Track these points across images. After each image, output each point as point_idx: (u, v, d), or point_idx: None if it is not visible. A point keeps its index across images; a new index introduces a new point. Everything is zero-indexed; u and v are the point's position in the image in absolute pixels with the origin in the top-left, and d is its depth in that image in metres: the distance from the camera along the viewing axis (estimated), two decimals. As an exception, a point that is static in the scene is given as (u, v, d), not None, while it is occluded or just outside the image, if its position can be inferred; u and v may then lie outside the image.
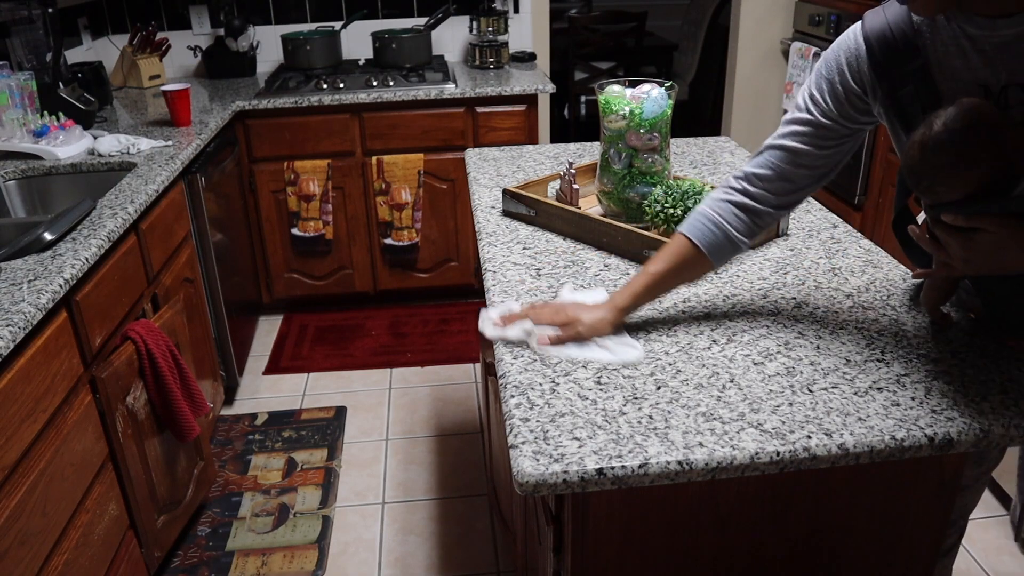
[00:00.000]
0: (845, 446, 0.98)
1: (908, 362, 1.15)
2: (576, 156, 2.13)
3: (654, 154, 1.59)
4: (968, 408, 1.04)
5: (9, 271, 1.55)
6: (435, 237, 3.29)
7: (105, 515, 1.66)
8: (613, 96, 1.60)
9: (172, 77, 3.54)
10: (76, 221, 1.77)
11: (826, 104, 1.15)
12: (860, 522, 1.14)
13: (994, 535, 2.11)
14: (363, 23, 3.55)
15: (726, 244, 1.21)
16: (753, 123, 4.07)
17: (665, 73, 5.26)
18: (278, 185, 3.13)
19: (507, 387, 1.12)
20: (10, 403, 1.34)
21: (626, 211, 1.64)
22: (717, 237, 1.20)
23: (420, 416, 2.73)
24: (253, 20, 3.50)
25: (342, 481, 2.42)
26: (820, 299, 1.34)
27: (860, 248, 1.54)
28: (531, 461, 0.96)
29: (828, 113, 1.15)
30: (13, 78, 2.33)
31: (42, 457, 1.43)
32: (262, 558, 2.13)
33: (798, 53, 3.62)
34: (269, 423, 2.69)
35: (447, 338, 3.19)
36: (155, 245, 2.07)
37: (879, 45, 1.08)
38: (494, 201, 1.84)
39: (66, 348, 1.55)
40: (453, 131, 3.12)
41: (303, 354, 3.11)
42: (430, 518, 2.27)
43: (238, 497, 2.35)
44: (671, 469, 0.96)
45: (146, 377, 1.84)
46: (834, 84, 1.14)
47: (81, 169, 2.26)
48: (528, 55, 3.55)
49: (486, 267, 1.50)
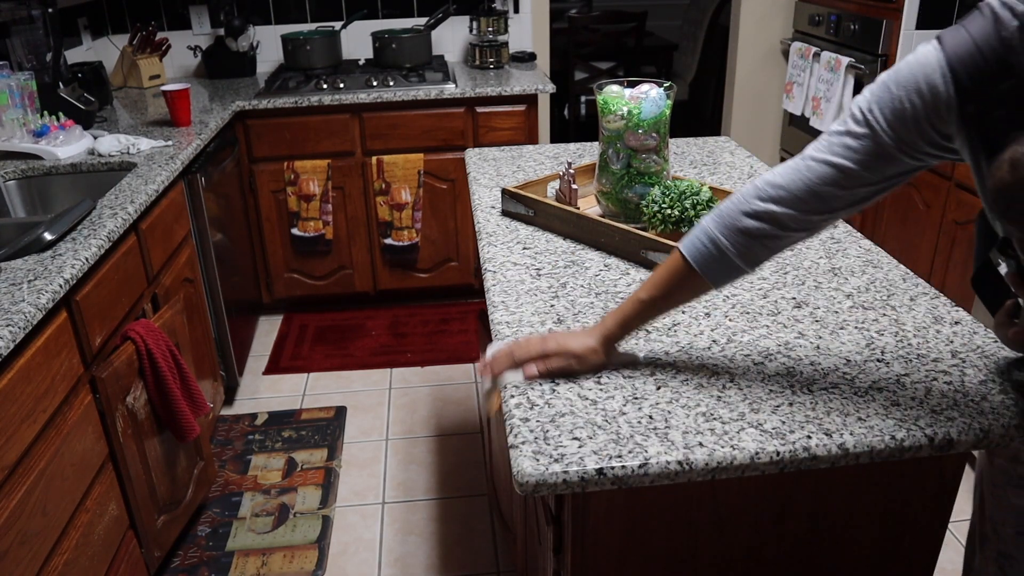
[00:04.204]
0: (845, 446, 0.98)
1: (908, 362, 1.15)
2: (576, 156, 2.13)
3: (652, 154, 1.59)
4: (968, 408, 1.04)
5: (9, 271, 1.56)
6: (435, 237, 3.29)
7: (105, 515, 1.66)
8: (612, 96, 1.59)
9: (172, 77, 3.54)
10: (76, 221, 1.77)
11: (888, 122, 0.98)
12: (860, 522, 1.14)
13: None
14: (363, 23, 3.55)
15: (729, 268, 1.07)
16: (753, 123, 4.07)
17: (665, 73, 5.26)
18: (278, 185, 3.13)
19: (507, 387, 1.12)
20: (10, 403, 1.34)
21: (624, 211, 1.63)
22: (717, 260, 1.06)
23: (420, 416, 2.73)
24: (253, 20, 3.50)
25: (342, 481, 2.42)
26: (820, 299, 1.34)
27: (860, 248, 1.54)
28: (531, 461, 0.96)
29: (889, 133, 0.98)
30: (13, 78, 2.33)
31: (42, 457, 1.43)
32: (262, 558, 2.13)
33: (798, 53, 3.62)
34: (269, 423, 2.69)
35: (447, 338, 3.19)
36: (155, 245, 2.07)
37: (965, 67, 0.93)
38: (494, 201, 1.84)
39: (66, 348, 1.55)
40: (453, 131, 3.12)
41: (303, 354, 3.11)
42: (430, 518, 2.27)
43: (238, 497, 2.35)
44: (671, 469, 0.96)
45: (146, 377, 1.84)
46: (903, 104, 0.96)
47: (81, 169, 2.26)
48: (528, 55, 3.55)
49: (486, 267, 1.50)
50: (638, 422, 1.03)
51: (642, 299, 1.11)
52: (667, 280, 1.10)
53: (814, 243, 1.57)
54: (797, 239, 1.06)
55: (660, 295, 1.11)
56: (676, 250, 1.10)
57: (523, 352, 1.15)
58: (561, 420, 1.04)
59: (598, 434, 1.01)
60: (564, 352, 1.13)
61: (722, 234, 1.05)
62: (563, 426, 1.02)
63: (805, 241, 1.56)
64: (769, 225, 1.03)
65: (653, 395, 1.08)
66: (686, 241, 1.09)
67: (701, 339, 1.23)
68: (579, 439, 1.00)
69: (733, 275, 1.08)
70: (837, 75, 3.27)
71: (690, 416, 1.04)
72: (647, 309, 1.12)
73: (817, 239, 1.59)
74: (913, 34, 3.04)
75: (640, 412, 1.05)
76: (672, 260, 1.11)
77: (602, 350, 1.14)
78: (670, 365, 1.16)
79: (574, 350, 1.14)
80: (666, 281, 1.11)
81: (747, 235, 1.04)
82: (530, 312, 1.32)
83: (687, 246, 1.09)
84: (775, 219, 1.03)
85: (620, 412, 1.05)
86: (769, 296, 1.36)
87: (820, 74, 3.42)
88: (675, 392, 1.09)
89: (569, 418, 1.04)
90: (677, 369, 1.15)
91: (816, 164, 1.01)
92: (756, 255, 1.06)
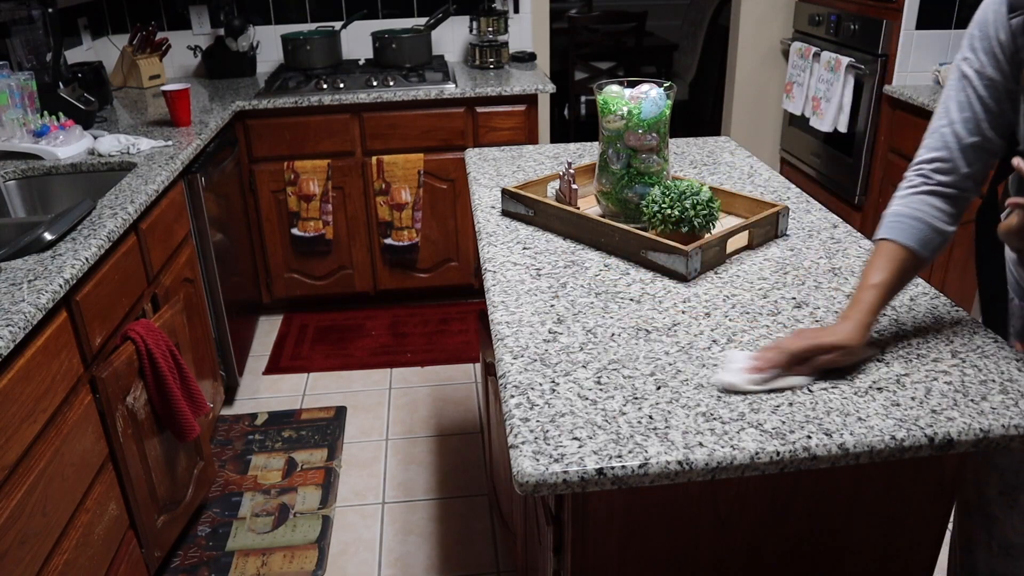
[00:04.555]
0: (845, 446, 0.98)
1: (908, 362, 1.15)
2: (575, 156, 2.13)
3: (652, 154, 1.59)
4: (968, 408, 1.04)
5: (9, 271, 1.56)
6: (435, 237, 3.29)
7: (105, 515, 1.66)
8: (611, 96, 1.59)
9: (172, 77, 3.54)
10: (76, 221, 1.77)
11: (984, 61, 1.15)
12: (860, 522, 1.14)
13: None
14: (363, 23, 3.55)
15: (934, 236, 1.17)
16: (753, 123, 4.07)
17: (665, 73, 5.26)
18: (278, 185, 3.13)
19: (507, 387, 1.12)
20: (10, 403, 1.34)
21: (624, 211, 1.63)
22: (924, 232, 1.17)
23: (420, 416, 2.73)
24: (253, 20, 3.50)
25: (342, 481, 2.42)
26: (820, 299, 1.34)
27: (860, 248, 1.54)
28: (531, 461, 0.96)
29: (988, 69, 1.15)
30: (13, 78, 2.33)
31: (42, 457, 1.43)
32: (262, 558, 2.13)
33: (798, 53, 3.62)
34: (269, 423, 2.69)
35: (447, 338, 3.19)
36: (155, 245, 2.07)
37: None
38: (494, 201, 1.84)
39: (66, 348, 1.55)
40: (453, 131, 3.12)
41: (303, 354, 3.11)
42: (430, 518, 2.27)
43: (238, 497, 2.35)
44: (671, 469, 0.96)
45: (146, 377, 1.84)
46: (989, 41, 1.14)
47: (81, 169, 2.26)
48: (528, 55, 3.55)
49: (486, 267, 1.50)
50: (638, 422, 1.03)
51: (877, 283, 1.16)
52: (889, 267, 1.17)
53: (814, 243, 1.57)
54: (976, 183, 1.19)
55: (890, 279, 1.17)
56: (883, 241, 1.19)
57: (790, 350, 1.11)
58: (561, 420, 1.04)
59: (598, 434, 1.01)
60: (831, 346, 1.11)
61: (915, 209, 1.17)
62: (563, 426, 1.02)
63: (805, 241, 1.57)
64: (946, 185, 1.17)
65: (653, 395, 1.09)
66: (885, 231, 1.19)
67: (701, 339, 1.23)
68: (579, 439, 1.00)
69: (940, 242, 1.18)
70: (837, 75, 3.27)
71: (690, 416, 1.04)
72: (886, 294, 1.17)
73: (817, 239, 1.59)
74: (913, 34, 3.04)
75: (640, 412, 1.05)
76: (883, 250, 1.19)
77: (864, 340, 1.14)
78: (670, 365, 1.16)
79: (843, 343, 1.11)
80: (889, 267, 1.17)
81: (932, 205, 1.17)
82: (530, 312, 1.32)
83: (891, 232, 1.18)
84: (946, 177, 1.17)
85: (620, 412, 1.05)
86: (769, 296, 1.36)
87: (820, 74, 3.42)
88: (675, 392, 1.09)
89: (569, 418, 1.04)
90: (677, 369, 1.15)
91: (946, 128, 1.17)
92: (950, 215, 1.18)
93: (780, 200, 1.80)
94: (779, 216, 1.59)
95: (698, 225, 1.46)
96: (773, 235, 1.60)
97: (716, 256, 1.47)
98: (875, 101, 3.16)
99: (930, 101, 2.81)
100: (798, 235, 1.61)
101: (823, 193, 3.60)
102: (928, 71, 3.10)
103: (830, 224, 1.67)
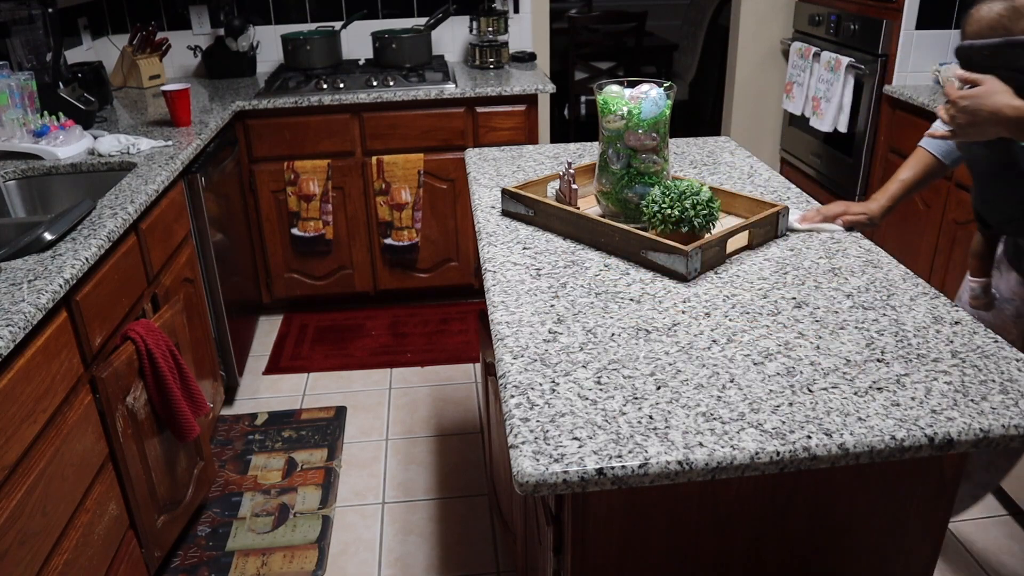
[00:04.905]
0: (845, 446, 0.98)
1: (908, 362, 1.15)
2: (576, 156, 2.13)
3: (652, 154, 1.59)
4: (968, 408, 1.04)
5: (9, 271, 1.56)
6: (435, 237, 3.29)
7: (105, 515, 1.66)
8: (611, 96, 1.59)
9: (172, 77, 3.54)
10: (76, 221, 1.77)
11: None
12: (860, 522, 1.14)
13: (994, 535, 2.11)
14: (363, 23, 3.55)
15: (956, 151, 1.54)
16: (753, 123, 4.07)
17: (665, 73, 5.26)
18: (278, 185, 3.13)
19: (507, 387, 1.12)
20: (10, 403, 1.34)
21: (624, 211, 1.63)
22: (949, 146, 1.57)
23: (420, 416, 2.73)
24: (253, 20, 3.50)
25: (342, 481, 2.42)
26: (820, 299, 1.34)
27: (860, 248, 1.55)
28: (531, 461, 0.96)
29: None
30: (13, 78, 2.33)
31: (42, 457, 1.43)
32: (262, 558, 2.13)
33: (798, 53, 3.62)
34: (269, 423, 2.69)
35: (447, 338, 3.19)
36: (155, 245, 2.07)
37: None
38: (494, 201, 1.84)
39: (66, 348, 1.55)
40: (453, 131, 3.12)
41: (303, 354, 3.11)
42: (430, 518, 2.27)
43: (238, 497, 2.35)
44: (671, 469, 0.96)
45: (146, 377, 1.84)
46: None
47: (81, 169, 2.26)
48: (528, 55, 3.55)
49: (486, 267, 1.50)
50: (638, 422, 1.03)
51: (902, 180, 1.67)
52: (916, 166, 1.66)
53: (814, 243, 1.57)
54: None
55: (914, 177, 1.67)
56: (919, 148, 1.68)
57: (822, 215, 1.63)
58: (561, 420, 1.04)
59: (598, 434, 1.01)
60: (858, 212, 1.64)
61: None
62: (563, 426, 1.02)
63: (805, 241, 1.57)
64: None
65: (653, 395, 1.09)
66: (926, 141, 1.65)
67: (701, 339, 1.23)
68: (579, 439, 1.00)
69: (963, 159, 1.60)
70: (837, 75, 3.27)
71: (690, 416, 1.04)
72: (908, 188, 1.68)
73: (817, 239, 1.59)
74: (913, 34, 3.04)
75: (640, 412, 1.05)
76: (917, 153, 1.67)
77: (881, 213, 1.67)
78: (670, 365, 1.16)
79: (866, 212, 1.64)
80: (914, 167, 1.67)
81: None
82: (530, 312, 1.32)
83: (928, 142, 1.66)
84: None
85: (620, 412, 1.05)
86: (769, 296, 1.36)
87: (820, 74, 3.42)
88: (675, 392, 1.09)
89: (569, 418, 1.04)
90: (677, 369, 1.15)
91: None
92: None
93: (780, 200, 1.80)
94: (779, 216, 1.59)
95: (698, 225, 1.46)
96: (773, 235, 1.60)
97: (716, 256, 1.47)
98: (875, 101, 3.16)
99: (930, 101, 2.81)
100: (798, 235, 1.62)
101: (823, 193, 3.60)
102: (928, 71, 3.10)
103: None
